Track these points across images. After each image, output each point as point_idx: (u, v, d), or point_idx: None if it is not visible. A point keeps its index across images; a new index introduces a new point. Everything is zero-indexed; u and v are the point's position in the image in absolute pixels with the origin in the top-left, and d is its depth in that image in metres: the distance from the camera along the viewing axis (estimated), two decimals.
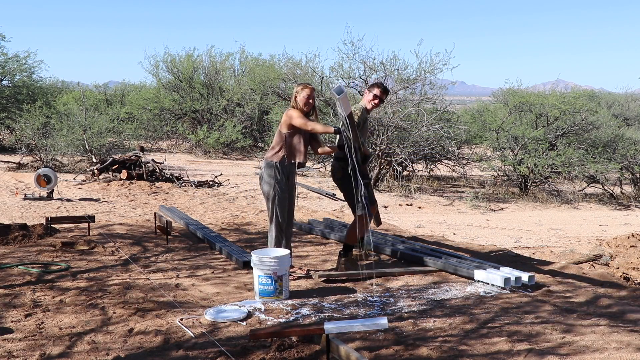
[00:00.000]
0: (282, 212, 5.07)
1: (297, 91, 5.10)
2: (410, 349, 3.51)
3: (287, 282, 4.61)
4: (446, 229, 9.07)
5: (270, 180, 5.03)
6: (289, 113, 5.02)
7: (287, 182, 5.07)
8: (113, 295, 4.57)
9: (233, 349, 3.50)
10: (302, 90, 5.08)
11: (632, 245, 6.72)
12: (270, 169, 5.03)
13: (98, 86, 27.92)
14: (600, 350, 3.51)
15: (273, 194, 5.03)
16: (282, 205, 5.06)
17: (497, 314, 4.20)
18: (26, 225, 6.88)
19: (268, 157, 5.08)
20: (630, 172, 14.97)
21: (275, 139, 5.13)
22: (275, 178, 5.01)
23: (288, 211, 5.12)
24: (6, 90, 20.36)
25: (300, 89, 5.09)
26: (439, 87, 14.58)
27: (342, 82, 14.46)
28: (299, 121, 4.96)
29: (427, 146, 14.19)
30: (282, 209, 5.06)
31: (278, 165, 5.02)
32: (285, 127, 5.04)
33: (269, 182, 5.04)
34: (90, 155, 14.75)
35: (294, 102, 5.09)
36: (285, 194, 5.07)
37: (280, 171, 5.02)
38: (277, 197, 5.03)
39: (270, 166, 5.03)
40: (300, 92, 5.07)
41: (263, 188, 5.11)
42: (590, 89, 32.74)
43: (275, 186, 5.01)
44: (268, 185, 5.04)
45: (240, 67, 23.84)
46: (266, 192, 5.07)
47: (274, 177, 5.02)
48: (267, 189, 5.05)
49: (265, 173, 5.06)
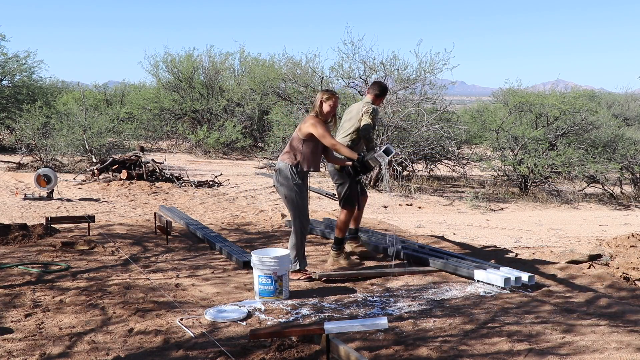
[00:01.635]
0: (304, 215, 5.02)
1: (323, 99, 4.97)
2: (410, 349, 3.51)
3: (287, 282, 4.61)
4: (446, 228, 9.07)
5: (288, 182, 4.94)
6: (312, 122, 4.89)
7: (304, 184, 5.03)
8: (113, 295, 4.57)
9: (233, 349, 3.50)
10: (327, 99, 4.96)
11: (632, 245, 6.72)
12: (286, 171, 4.94)
13: (98, 86, 27.93)
14: (600, 350, 3.51)
15: (293, 196, 4.94)
16: (304, 207, 5.01)
17: (497, 314, 4.20)
18: (26, 225, 6.87)
19: (284, 159, 4.99)
20: (630, 172, 14.97)
21: (291, 143, 5.00)
22: (293, 179, 4.94)
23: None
24: (6, 90, 20.37)
25: (327, 97, 4.97)
26: (439, 87, 14.59)
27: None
28: (327, 140, 4.89)
29: (427, 146, 14.19)
30: (304, 210, 5.02)
31: (293, 169, 4.95)
32: (304, 134, 4.93)
33: (286, 184, 4.95)
34: (90, 155, 14.76)
35: (317, 109, 4.97)
36: (305, 194, 5.03)
37: (296, 174, 4.95)
38: (298, 199, 4.96)
39: (286, 169, 4.94)
40: (326, 101, 4.96)
41: (280, 191, 5.02)
42: (590, 89, 32.76)
43: (293, 188, 4.94)
44: (286, 188, 4.96)
45: (240, 67, 23.86)
46: (287, 195, 4.97)
47: (292, 179, 4.93)
48: (286, 191, 4.97)
49: (281, 176, 4.97)
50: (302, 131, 4.94)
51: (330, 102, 4.96)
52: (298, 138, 4.97)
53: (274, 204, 10.52)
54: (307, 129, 4.91)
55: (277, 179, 5.03)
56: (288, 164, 4.95)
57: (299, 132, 4.97)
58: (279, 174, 4.99)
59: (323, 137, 4.87)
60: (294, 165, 4.94)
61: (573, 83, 29.92)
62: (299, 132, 4.98)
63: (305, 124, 4.94)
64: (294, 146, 4.98)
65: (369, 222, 8.14)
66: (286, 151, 5.02)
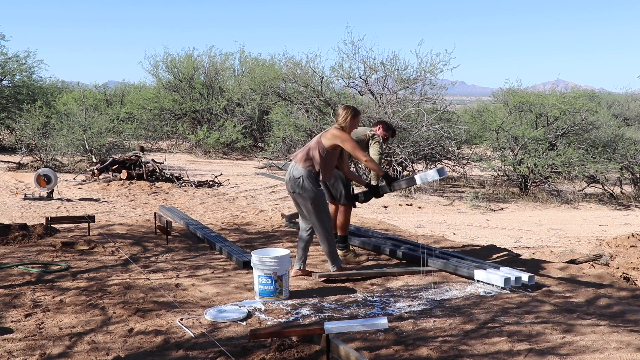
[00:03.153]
0: (329, 218, 5.15)
1: (351, 115, 5.10)
2: (410, 349, 3.51)
3: (287, 282, 4.61)
4: (446, 228, 9.07)
5: (314, 188, 4.99)
6: (345, 137, 5.00)
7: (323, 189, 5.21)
8: (113, 295, 4.57)
9: (233, 349, 3.50)
10: (355, 116, 5.12)
11: (632, 245, 6.72)
12: (310, 178, 4.98)
13: (98, 86, 27.92)
14: (600, 350, 3.51)
15: (319, 203, 5.02)
16: (328, 211, 5.17)
17: (497, 314, 4.20)
18: (26, 225, 6.87)
19: (305, 166, 5.00)
20: (630, 172, 14.96)
21: (312, 151, 5.02)
22: (318, 185, 5.04)
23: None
24: (6, 90, 20.36)
25: (353, 115, 5.11)
26: (439, 87, 14.58)
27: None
28: (359, 153, 5.03)
29: (427, 146, 14.18)
30: (328, 214, 5.16)
31: (313, 176, 5.01)
32: (330, 145, 5.01)
33: (311, 189, 4.98)
34: (90, 155, 14.75)
35: (344, 123, 5.08)
36: (325, 198, 5.18)
37: (317, 181, 5.04)
38: (322, 204, 5.05)
39: (310, 176, 4.98)
40: (355, 117, 5.11)
41: (304, 197, 5.00)
42: (590, 89, 32.73)
43: (318, 194, 5.01)
44: (312, 192, 4.98)
45: (240, 67, 23.85)
46: (313, 201, 4.98)
47: (317, 185, 5.02)
48: (311, 198, 4.98)
49: (306, 182, 4.97)
50: (328, 142, 5.01)
51: (358, 118, 5.16)
52: (322, 148, 5.01)
53: (274, 204, 10.52)
54: (335, 140, 4.99)
55: (300, 186, 4.99)
56: (311, 171, 5.00)
57: (324, 141, 5.02)
58: (304, 181, 4.98)
59: (355, 150, 5.01)
60: (314, 173, 5.01)
61: (573, 83, 29.91)
62: (323, 141, 5.02)
63: (335, 136, 5.01)
64: (314, 156, 5.01)
65: (369, 222, 8.14)
66: (306, 158, 5.03)
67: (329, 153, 5.01)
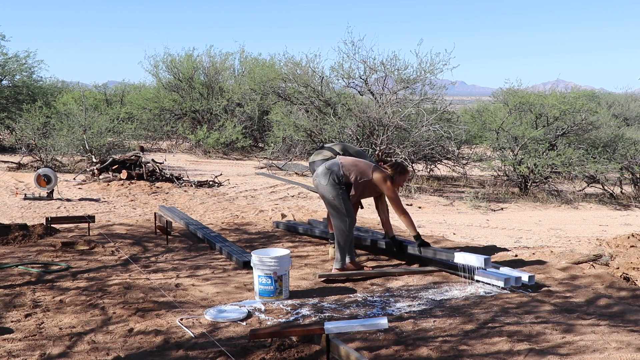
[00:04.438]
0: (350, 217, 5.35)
1: (402, 171, 5.46)
2: (410, 349, 3.51)
3: (287, 282, 4.61)
4: (446, 229, 9.06)
5: (337, 184, 5.28)
6: (388, 184, 5.30)
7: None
8: (113, 295, 4.57)
9: (233, 349, 3.50)
10: (405, 173, 5.51)
11: (632, 245, 6.71)
12: (340, 178, 5.29)
13: (98, 86, 27.90)
14: (600, 350, 3.51)
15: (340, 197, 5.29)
16: (350, 208, 5.36)
17: (497, 314, 4.20)
18: (26, 225, 6.87)
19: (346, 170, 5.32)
20: (630, 172, 14.95)
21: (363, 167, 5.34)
22: (341, 187, 5.30)
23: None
24: (6, 90, 20.35)
25: (403, 173, 5.48)
26: (439, 87, 14.57)
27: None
28: (397, 205, 5.31)
29: (427, 146, 14.18)
30: (350, 212, 5.36)
31: (344, 181, 5.30)
32: (376, 181, 5.30)
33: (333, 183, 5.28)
34: (90, 155, 14.74)
35: (394, 174, 5.39)
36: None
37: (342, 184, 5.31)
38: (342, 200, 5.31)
39: (342, 177, 5.29)
40: (403, 175, 5.48)
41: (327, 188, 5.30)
42: (590, 89, 32.70)
43: (340, 189, 5.29)
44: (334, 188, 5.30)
45: (240, 67, 23.84)
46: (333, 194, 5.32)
47: (340, 186, 5.28)
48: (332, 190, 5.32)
49: (332, 177, 5.29)
50: (375, 179, 5.31)
51: (405, 176, 5.55)
52: (368, 176, 5.30)
53: (274, 204, 10.52)
54: (381, 184, 5.29)
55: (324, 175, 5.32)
56: (346, 175, 5.30)
57: (371, 173, 5.31)
58: (332, 189, 5.27)
59: (394, 200, 5.30)
60: (346, 179, 5.30)
61: (573, 83, 29.92)
62: (370, 172, 5.31)
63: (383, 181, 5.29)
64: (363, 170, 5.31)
65: (369, 222, 8.14)
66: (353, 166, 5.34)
67: (366, 183, 5.31)
